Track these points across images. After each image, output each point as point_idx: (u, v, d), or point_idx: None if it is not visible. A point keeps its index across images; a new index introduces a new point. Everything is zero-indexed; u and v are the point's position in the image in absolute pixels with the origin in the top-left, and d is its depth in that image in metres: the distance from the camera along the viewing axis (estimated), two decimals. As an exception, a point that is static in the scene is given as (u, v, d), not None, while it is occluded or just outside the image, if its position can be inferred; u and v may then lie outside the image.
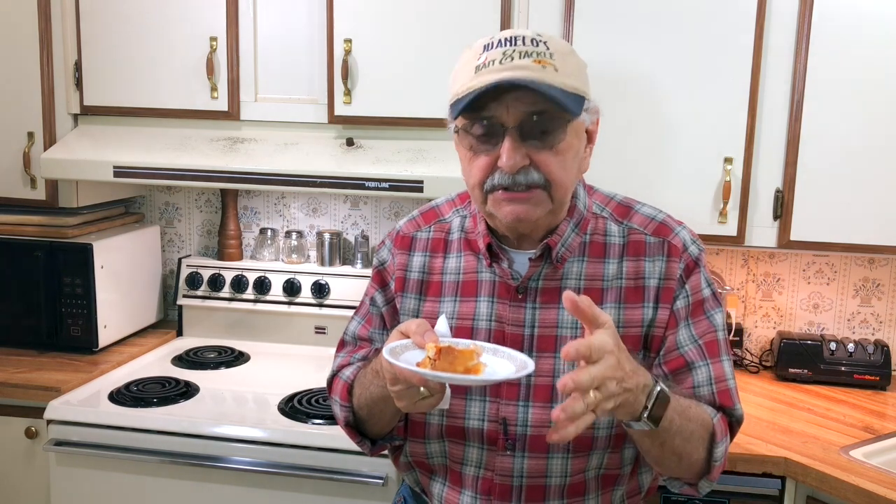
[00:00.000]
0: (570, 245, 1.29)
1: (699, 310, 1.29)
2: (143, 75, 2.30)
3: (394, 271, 1.39)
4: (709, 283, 1.31)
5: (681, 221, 1.34)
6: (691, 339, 1.27)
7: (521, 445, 1.27)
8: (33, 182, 2.37)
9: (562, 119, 1.19)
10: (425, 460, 1.36)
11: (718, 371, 1.27)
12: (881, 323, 2.41)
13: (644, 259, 1.29)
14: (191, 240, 2.77)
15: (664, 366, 1.27)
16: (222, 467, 1.91)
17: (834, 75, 1.99)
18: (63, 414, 2.02)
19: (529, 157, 1.19)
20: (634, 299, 1.28)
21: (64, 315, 2.37)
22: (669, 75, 2.05)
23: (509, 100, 1.17)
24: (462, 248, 1.36)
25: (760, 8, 1.99)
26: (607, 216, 1.33)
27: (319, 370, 2.35)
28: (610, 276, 1.29)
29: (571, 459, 1.27)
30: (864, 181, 2.02)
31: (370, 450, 1.40)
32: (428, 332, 1.12)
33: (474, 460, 1.31)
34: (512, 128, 1.18)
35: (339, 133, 2.24)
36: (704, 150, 2.06)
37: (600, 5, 2.05)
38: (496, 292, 1.31)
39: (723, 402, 1.26)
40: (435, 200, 1.47)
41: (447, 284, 1.35)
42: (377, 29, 2.15)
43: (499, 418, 1.28)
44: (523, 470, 1.28)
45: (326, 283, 2.50)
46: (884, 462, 1.79)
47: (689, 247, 1.30)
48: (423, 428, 1.33)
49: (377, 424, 1.34)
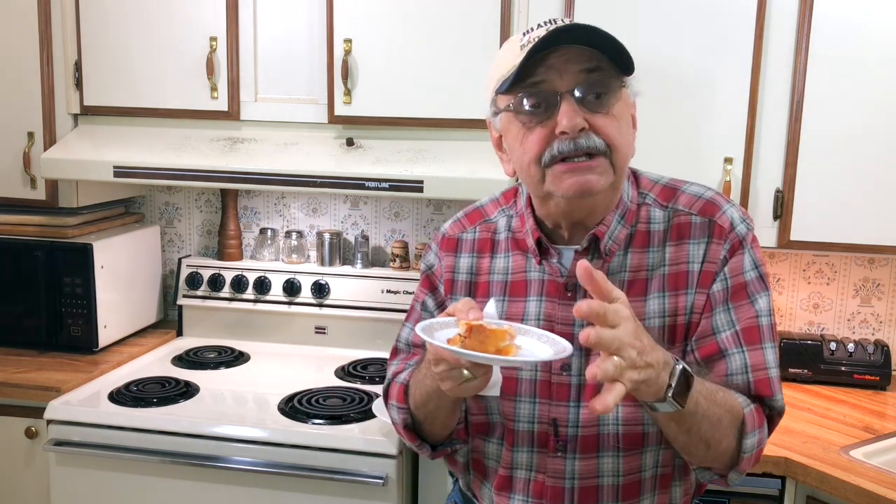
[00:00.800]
0: (617, 238, 1.25)
1: (741, 293, 1.22)
2: (143, 75, 2.30)
3: (441, 274, 1.37)
4: (755, 265, 1.24)
5: (729, 198, 1.28)
6: (728, 324, 1.21)
7: (572, 446, 1.24)
8: (33, 182, 2.37)
9: (615, 81, 1.17)
10: (483, 460, 1.34)
11: (757, 359, 1.21)
12: (881, 323, 2.41)
13: (688, 242, 1.24)
14: (191, 240, 2.77)
15: (697, 352, 1.22)
16: (222, 467, 1.91)
17: (834, 75, 1.99)
18: (63, 414, 2.02)
19: (588, 122, 1.15)
20: (678, 286, 1.23)
21: (64, 315, 2.37)
22: (669, 75, 2.05)
23: (559, 64, 1.15)
24: (510, 248, 1.33)
25: (760, 8, 1.98)
26: (651, 202, 1.28)
27: (319, 370, 2.35)
28: (653, 264, 1.24)
29: (623, 458, 1.24)
30: (864, 181, 2.02)
31: (430, 454, 1.36)
32: (473, 310, 1.09)
33: (525, 464, 1.28)
34: (567, 91, 1.15)
35: (339, 133, 2.24)
36: (704, 150, 2.06)
37: (600, 5, 2.05)
38: (545, 291, 1.27)
39: (760, 391, 1.20)
40: (479, 201, 1.43)
41: (495, 284, 1.32)
42: (377, 29, 2.15)
43: (549, 419, 1.25)
44: (575, 471, 1.25)
45: (326, 283, 2.50)
46: (884, 462, 1.79)
47: (736, 226, 1.23)
48: (488, 427, 1.30)
49: (435, 424, 1.30)
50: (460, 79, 2.11)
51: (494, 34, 2.08)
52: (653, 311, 1.23)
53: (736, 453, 1.18)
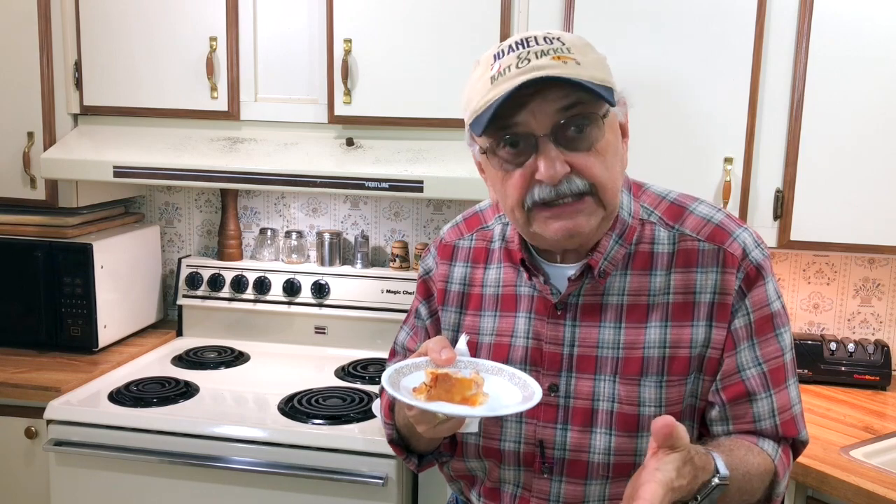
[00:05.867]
0: (614, 258, 1.19)
1: (766, 327, 1.17)
2: (143, 75, 2.30)
3: (436, 282, 1.34)
4: (778, 295, 1.18)
5: (742, 222, 1.20)
6: (755, 362, 1.16)
7: (558, 469, 1.21)
8: (33, 182, 2.37)
9: (595, 115, 1.09)
10: (466, 473, 1.32)
11: (783, 400, 1.17)
12: (881, 323, 2.41)
13: (696, 270, 1.16)
14: (191, 240, 2.77)
15: (722, 392, 1.17)
16: (222, 467, 1.91)
17: (834, 75, 1.99)
18: (63, 414, 2.02)
19: (569, 164, 1.08)
20: (683, 317, 1.16)
21: (64, 315, 2.37)
22: (669, 75, 2.05)
23: (534, 105, 1.07)
24: (502, 259, 1.28)
25: (760, 8, 1.98)
26: (655, 220, 1.21)
27: (319, 370, 2.35)
28: (656, 290, 1.17)
29: (611, 485, 1.19)
30: (864, 181, 2.02)
31: (417, 467, 1.34)
32: (445, 349, 1.07)
33: (512, 479, 1.26)
34: (544, 135, 1.07)
35: (339, 133, 2.24)
36: (704, 150, 2.06)
37: (600, 5, 2.05)
38: (534, 308, 1.22)
39: (787, 433, 1.17)
40: (480, 203, 1.38)
41: (487, 297, 1.28)
42: (377, 29, 2.15)
43: (535, 440, 1.21)
44: (560, 494, 1.21)
45: (326, 283, 2.50)
46: (884, 462, 1.78)
47: (750, 253, 1.16)
48: (462, 447, 1.28)
49: (420, 441, 1.28)
50: (460, 79, 2.08)
51: (494, 34, 2.08)
52: (652, 340, 1.17)
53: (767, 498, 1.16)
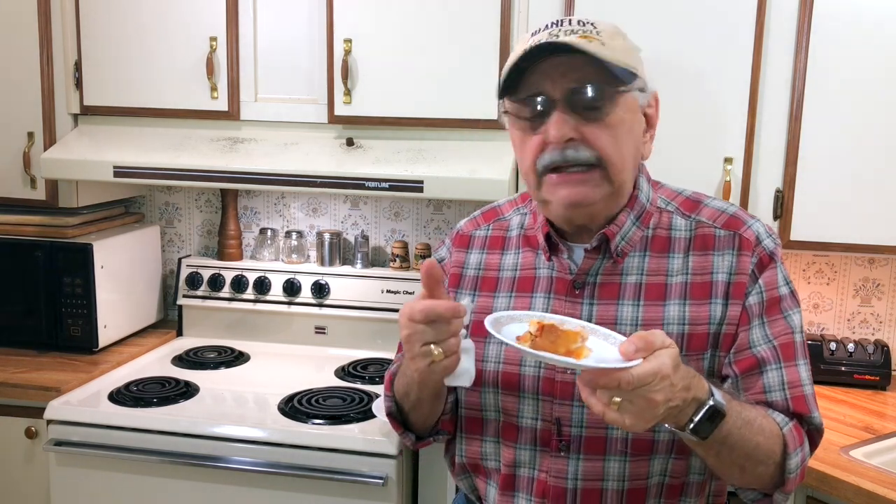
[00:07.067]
0: (631, 239, 1.24)
1: (775, 308, 1.22)
2: (143, 75, 2.30)
3: (449, 269, 1.37)
4: (787, 281, 1.25)
5: (754, 215, 1.28)
6: (765, 339, 1.20)
7: (575, 447, 1.22)
8: (33, 182, 2.37)
9: (609, 89, 1.15)
10: (480, 462, 1.32)
11: (793, 376, 1.20)
12: (881, 323, 2.41)
13: (712, 253, 1.23)
14: (191, 240, 2.77)
15: (734, 365, 1.21)
16: (222, 467, 1.91)
17: (834, 75, 1.99)
18: (63, 414, 2.02)
19: (579, 131, 1.15)
20: (701, 295, 1.21)
21: (64, 315, 2.37)
22: (669, 75, 2.05)
23: (555, 73, 1.15)
24: (520, 245, 1.33)
25: (760, 8, 1.98)
26: (673, 210, 1.28)
27: (319, 370, 2.35)
28: (674, 270, 1.23)
29: (630, 463, 1.21)
30: (864, 181, 2.02)
31: (413, 443, 1.36)
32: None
33: (527, 461, 1.26)
34: (558, 99, 1.15)
35: (339, 133, 2.24)
36: (704, 150, 2.06)
37: (600, 4, 2.05)
38: (553, 287, 1.26)
39: (798, 409, 1.19)
40: (497, 201, 1.45)
41: (503, 280, 1.32)
42: (377, 29, 2.15)
43: (553, 418, 1.23)
44: (578, 472, 1.23)
45: (326, 283, 2.50)
46: (884, 462, 1.78)
47: (763, 240, 1.24)
48: (481, 425, 1.29)
49: (418, 414, 1.30)
50: (460, 79, 2.11)
51: (494, 34, 2.08)
52: (672, 317, 1.22)
53: (779, 474, 1.17)
